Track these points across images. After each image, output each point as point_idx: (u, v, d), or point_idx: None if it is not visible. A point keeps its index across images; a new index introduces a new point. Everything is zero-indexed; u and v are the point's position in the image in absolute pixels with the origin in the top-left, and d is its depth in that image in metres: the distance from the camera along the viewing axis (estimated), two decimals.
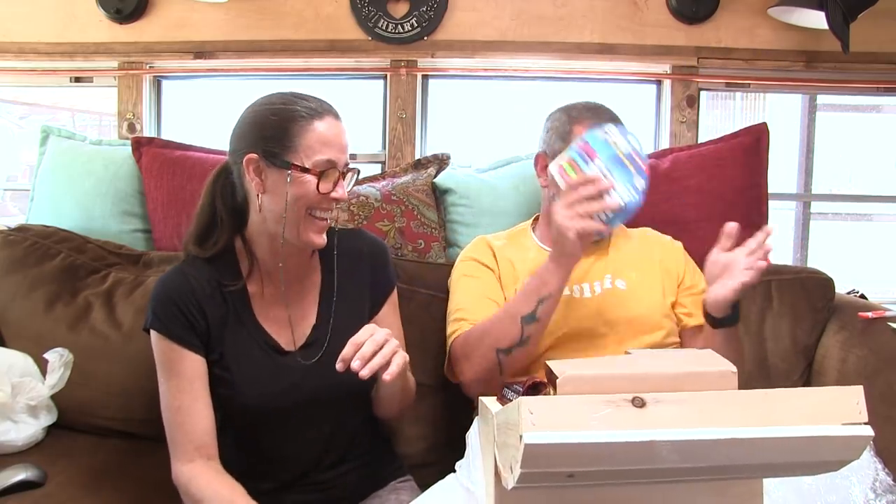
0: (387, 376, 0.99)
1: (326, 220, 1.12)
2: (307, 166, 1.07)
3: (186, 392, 1.11)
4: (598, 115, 1.38)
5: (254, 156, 1.09)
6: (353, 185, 1.17)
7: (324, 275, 1.23)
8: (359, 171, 1.16)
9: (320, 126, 1.09)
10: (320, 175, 1.08)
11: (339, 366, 0.98)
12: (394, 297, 1.30)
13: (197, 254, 1.17)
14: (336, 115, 1.12)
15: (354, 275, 1.24)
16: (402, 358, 1.01)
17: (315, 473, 1.20)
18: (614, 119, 1.37)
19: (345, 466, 1.22)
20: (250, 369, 1.14)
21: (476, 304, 1.35)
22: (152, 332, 1.14)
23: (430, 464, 1.40)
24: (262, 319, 1.17)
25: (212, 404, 1.14)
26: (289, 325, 1.19)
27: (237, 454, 1.18)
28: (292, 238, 1.12)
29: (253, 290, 1.18)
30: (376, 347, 0.99)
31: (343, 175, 1.11)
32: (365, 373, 0.97)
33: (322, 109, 1.11)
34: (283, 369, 1.16)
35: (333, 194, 1.09)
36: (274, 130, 1.09)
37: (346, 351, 0.98)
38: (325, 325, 1.20)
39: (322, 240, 1.13)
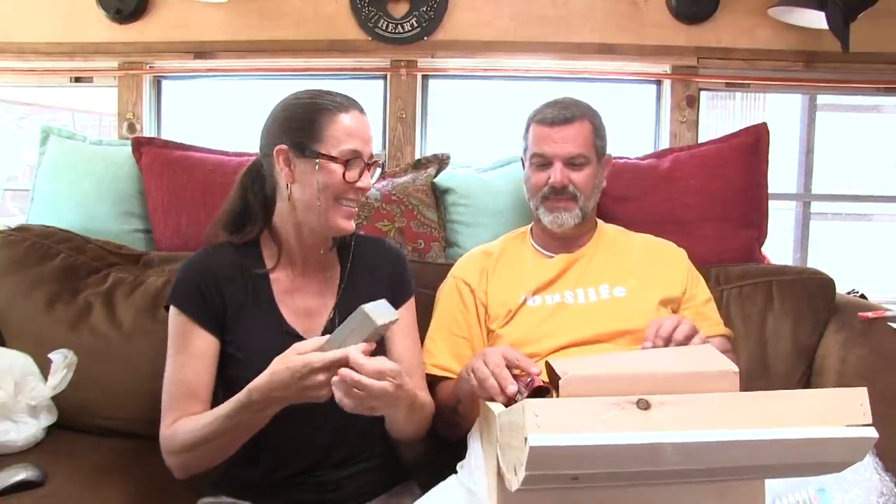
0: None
1: (354, 207, 1.19)
2: (334, 155, 1.13)
3: (190, 368, 1.15)
4: (547, 112, 1.41)
5: (283, 147, 1.16)
6: (376, 178, 1.23)
7: (343, 272, 1.27)
8: (383, 165, 1.19)
9: (346, 118, 1.15)
10: (346, 164, 1.14)
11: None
12: (411, 304, 1.32)
13: (229, 240, 1.22)
14: (361, 110, 1.19)
15: (374, 275, 1.28)
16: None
17: (321, 470, 1.20)
18: (568, 107, 1.39)
19: (352, 468, 1.22)
20: (263, 350, 1.13)
21: (442, 339, 1.40)
22: (171, 307, 1.18)
23: (430, 464, 1.39)
24: (281, 306, 1.21)
25: (213, 386, 1.16)
26: (306, 314, 1.22)
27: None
28: (322, 224, 1.17)
29: (274, 277, 1.22)
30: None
31: (368, 166, 1.18)
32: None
33: (347, 103, 1.17)
34: None
35: (359, 183, 1.16)
36: (302, 122, 1.16)
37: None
38: (343, 318, 1.19)
39: (350, 225, 1.19)
